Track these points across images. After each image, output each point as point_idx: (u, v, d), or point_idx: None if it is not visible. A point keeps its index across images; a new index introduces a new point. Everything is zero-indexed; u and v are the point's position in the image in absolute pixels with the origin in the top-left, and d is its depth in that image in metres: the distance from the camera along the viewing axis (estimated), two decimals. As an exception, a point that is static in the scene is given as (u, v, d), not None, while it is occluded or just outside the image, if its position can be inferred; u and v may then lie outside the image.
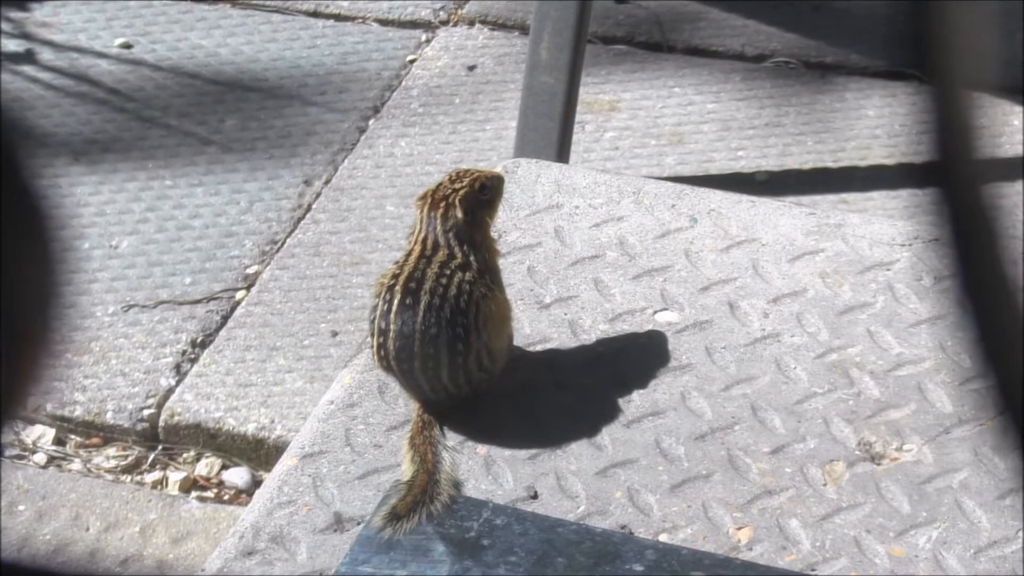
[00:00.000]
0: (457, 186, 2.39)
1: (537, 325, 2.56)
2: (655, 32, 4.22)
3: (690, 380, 2.45)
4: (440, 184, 2.41)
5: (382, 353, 2.35)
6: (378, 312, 2.35)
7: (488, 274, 2.38)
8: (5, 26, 4.24)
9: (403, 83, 4.07)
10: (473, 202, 2.39)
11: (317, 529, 2.22)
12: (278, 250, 3.53)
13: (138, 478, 3.09)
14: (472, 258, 2.37)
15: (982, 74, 0.79)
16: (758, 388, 2.44)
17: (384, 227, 3.58)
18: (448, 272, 2.34)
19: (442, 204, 2.37)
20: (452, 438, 2.35)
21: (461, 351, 2.32)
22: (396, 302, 2.33)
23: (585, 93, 3.76)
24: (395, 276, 2.35)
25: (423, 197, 2.40)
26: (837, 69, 4.08)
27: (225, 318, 3.35)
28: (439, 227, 2.37)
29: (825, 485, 2.28)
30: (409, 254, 2.38)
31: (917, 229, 2.74)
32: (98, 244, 3.55)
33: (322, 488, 2.28)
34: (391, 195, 3.68)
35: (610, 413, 2.39)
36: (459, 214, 2.37)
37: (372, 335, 2.36)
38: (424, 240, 2.37)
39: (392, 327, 2.32)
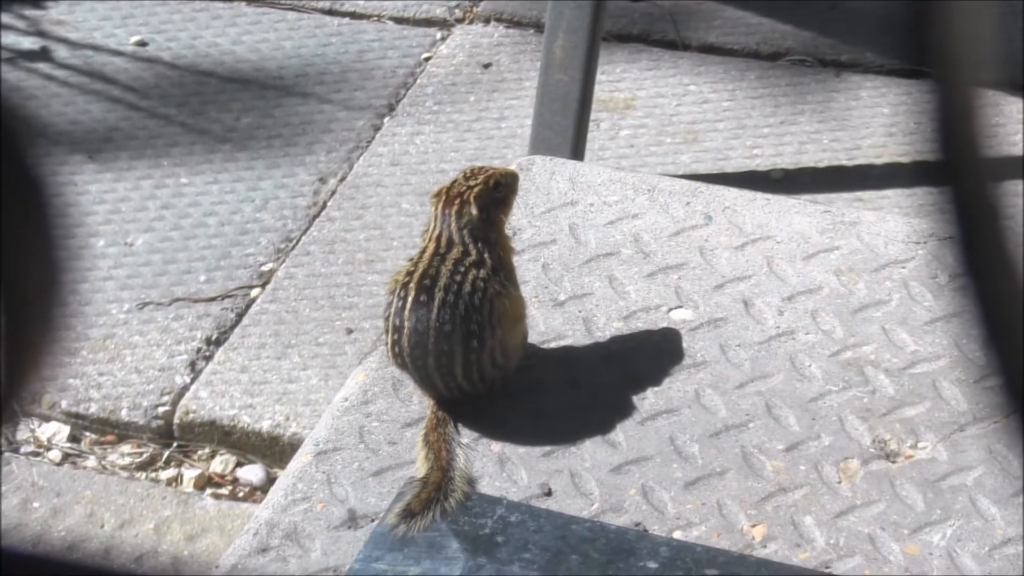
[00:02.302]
0: (472, 183, 2.39)
1: (551, 322, 2.56)
2: (670, 30, 4.22)
3: (704, 378, 2.45)
4: (455, 181, 2.41)
5: (396, 350, 2.35)
6: (392, 309, 2.35)
7: (502, 271, 2.38)
8: (20, 24, 4.25)
9: (418, 81, 4.08)
10: (488, 199, 2.39)
11: (331, 526, 2.22)
12: (293, 248, 3.53)
13: (153, 475, 3.09)
14: (486, 255, 2.37)
15: (991, 72, 0.79)
16: (773, 386, 2.44)
17: (399, 225, 3.59)
18: (462, 269, 2.34)
19: (457, 201, 2.37)
20: (466, 435, 2.35)
21: (475, 348, 2.32)
22: (411, 299, 2.33)
23: (600, 91, 3.76)
24: (409, 273, 2.35)
25: (438, 194, 2.40)
26: (852, 67, 4.07)
27: (240, 316, 3.35)
28: (454, 224, 2.37)
29: (840, 483, 2.27)
30: (424, 251, 2.38)
31: (932, 227, 2.74)
32: (113, 241, 3.56)
33: (336, 485, 2.29)
34: (406, 193, 3.68)
35: (624, 411, 2.39)
36: (474, 211, 2.37)
37: (387, 332, 2.37)
38: (439, 237, 2.37)
39: (407, 324, 2.33)
